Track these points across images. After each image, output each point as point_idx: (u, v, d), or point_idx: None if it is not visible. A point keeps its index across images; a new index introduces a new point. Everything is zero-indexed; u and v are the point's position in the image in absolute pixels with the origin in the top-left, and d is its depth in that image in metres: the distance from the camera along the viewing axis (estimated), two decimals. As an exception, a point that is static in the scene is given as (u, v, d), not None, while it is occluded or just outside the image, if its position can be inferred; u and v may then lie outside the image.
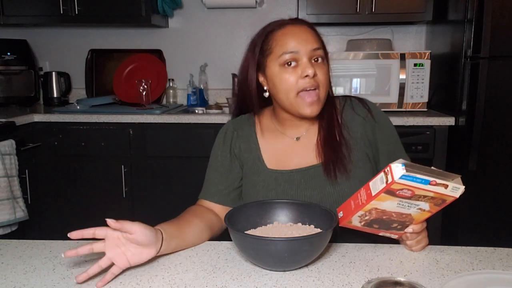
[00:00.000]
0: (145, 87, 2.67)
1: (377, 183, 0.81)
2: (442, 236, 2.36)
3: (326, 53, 1.07)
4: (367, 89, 2.47)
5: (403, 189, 0.79)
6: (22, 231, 2.22)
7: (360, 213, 0.86)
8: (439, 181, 0.79)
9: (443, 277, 0.82)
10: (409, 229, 0.90)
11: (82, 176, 2.52)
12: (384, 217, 0.87)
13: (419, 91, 2.42)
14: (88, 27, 2.99)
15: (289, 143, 1.11)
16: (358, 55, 2.45)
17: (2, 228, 2.11)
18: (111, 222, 0.80)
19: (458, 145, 2.26)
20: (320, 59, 1.03)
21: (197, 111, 2.82)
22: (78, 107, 2.62)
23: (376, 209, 0.84)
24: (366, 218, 0.87)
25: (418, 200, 0.82)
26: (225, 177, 1.11)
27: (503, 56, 2.09)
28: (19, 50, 2.80)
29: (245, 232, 0.91)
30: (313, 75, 0.99)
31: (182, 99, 3.00)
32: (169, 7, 2.77)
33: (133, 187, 2.51)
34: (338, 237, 0.97)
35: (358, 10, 2.49)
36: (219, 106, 2.82)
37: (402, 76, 2.40)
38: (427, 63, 2.39)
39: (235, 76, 2.87)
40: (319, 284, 0.79)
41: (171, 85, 2.97)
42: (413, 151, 2.26)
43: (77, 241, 0.95)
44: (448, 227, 2.33)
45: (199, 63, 2.93)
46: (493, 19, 2.05)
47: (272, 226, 0.97)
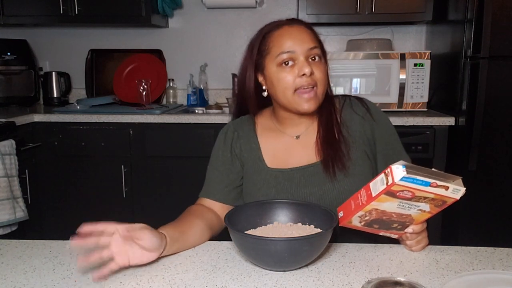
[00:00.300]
0: (145, 87, 2.67)
1: (377, 184, 0.81)
2: (442, 236, 2.36)
3: (324, 52, 1.08)
4: (367, 89, 2.47)
5: (403, 190, 0.79)
6: (22, 231, 2.22)
7: (360, 213, 0.86)
8: (439, 183, 0.79)
9: (443, 277, 0.82)
10: (409, 230, 0.90)
11: (82, 176, 2.52)
12: (384, 218, 0.87)
13: (419, 91, 2.42)
14: (88, 27, 2.99)
15: (289, 141, 1.12)
16: (358, 55, 2.45)
17: (2, 228, 2.11)
18: (121, 232, 0.81)
19: (458, 145, 2.26)
20: (317, 57, 1.04)
21: (197, 111, 2.82)
22: (78, 107, 2.62)
23: (376, 209, 0.84)
24: (366, 218, 0.87)
25: (418, 202, 0.82)
26: (226, 176, 1.12)
27: (503, 56, 2.09)
28: (19, 50, 2.80)
29: (245, 232, 0.91)
30: (310, 73, 1.00)
31: (182, 99, 3.00)
32: (169, 7, 2.77)
33: (133, 187, 2.51)
34: (338, 237, 0.97)
35: (358, 10, 2.49)
36: (219, 106, 2.82)
37: (402, 76, 2.40)
38: (427, 63, 2.39)
39: (235, 76, 2.87)
40: (319, 284, 0.79)
41: (171, 85, 2.97)
42: (413, 151, 2.26)
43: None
44: (448, 227, 2.33)
45: (199, 63, 2.93)
46: (493, 19, 2.05)
47: (272, 226, 0.97)
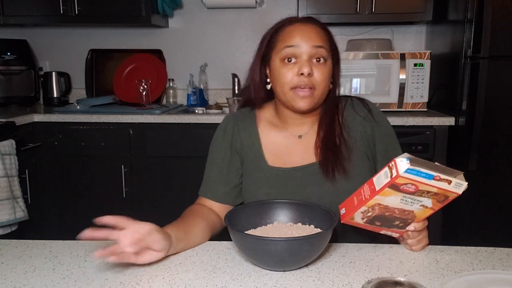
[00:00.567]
0: (145, 87, 2.66)
1: (381, 178, 0.81)
2: (442, 236, 2.36)
3: (335, 54, 1.09)
4: (367, 89, 2.46)
5: (407, 183, 0.79)
6: (22, 231, 2.22)
7: (362, 209, 0.86)
8: (443, 176, 0.79)
9: (443, 277, 0.82)
10: (410, 227, 0.90)
11: (82, 176, 2.52)
12: (386, 214, 0.87)
13: (419, 91, 2.42)
14: (88, 27, 2.99)
15: (291, 140, 1.11)
16: (358, 55, 2.45)
17: (2, 228, 2.11)
18: (133, 249, 0.80)
19: (458, 145, 2.26)
20: (322, 59, 1.03)
21: (197, 111, 2.82)
22: (78, 107, 2.62)
23: (379, 204, 0.84)
24: (369, 214, 0.87)
25: (421, 196, 0.82)
26: (226, 174, 1.11)
27: (503, 56, 2.08)
28: (19, 50, 2.80)
29: (245, 232, 0.91)
30: (308, 73, 1.00)
31: (182, 99, 3.00)
32: (169, 7, 2.77)
33: (133, 187, 2.51)
34: (339, 237, 0.97)
35: (358, 10, 2.49)
36: (219, 106, 2.82)
37: (402, 76, 2.40)
38: (427, 63, 2.39)
39: (235, 76, 2.88)
40: (319, 284, 0.79)
41: (171, 85, 2.97)
42: (413, 151, 2.26)
43: (76, 241, 0.95)
44: (448, 227, 2.33)
45: (199, 63, 2.93)
46: (493, 19, 2.05)
47: (272, 226, 0.97)
